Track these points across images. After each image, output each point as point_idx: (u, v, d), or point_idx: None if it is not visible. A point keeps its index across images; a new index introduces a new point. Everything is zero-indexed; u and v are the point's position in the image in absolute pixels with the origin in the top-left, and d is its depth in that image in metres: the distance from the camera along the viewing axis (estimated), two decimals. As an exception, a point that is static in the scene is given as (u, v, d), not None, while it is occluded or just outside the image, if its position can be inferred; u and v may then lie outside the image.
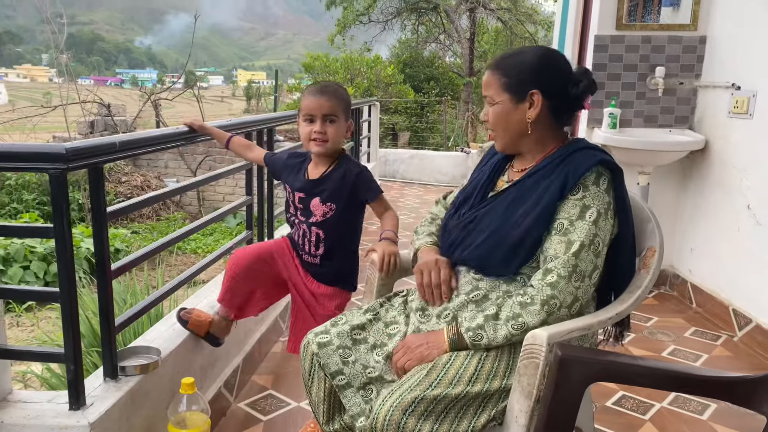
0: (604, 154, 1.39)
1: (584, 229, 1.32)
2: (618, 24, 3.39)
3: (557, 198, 1.34)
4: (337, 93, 1.79)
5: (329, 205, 1.81)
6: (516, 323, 1.30)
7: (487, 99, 1.45)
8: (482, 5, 17.16)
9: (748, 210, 2.90)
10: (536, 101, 1.39)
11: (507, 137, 1.45)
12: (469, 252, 1.42)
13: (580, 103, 1.44)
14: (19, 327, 4.42)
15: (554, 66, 1.42)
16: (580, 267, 1.30)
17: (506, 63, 1.43)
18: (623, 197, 1.39)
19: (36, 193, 8.02)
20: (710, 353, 2.74)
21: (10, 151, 1.39)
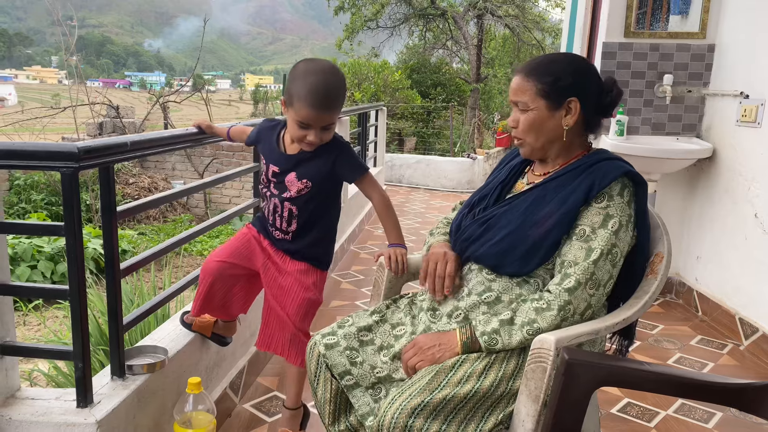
0: (629, 165, 1.39)
1: (605, 238, 1.32)
2: (626, 31, 3.40)
3: (581, 203, 1.34)
4: (339, 103, 1.62)
5: (305, 182, 1.69)
6: (531, 329, 1.30)
7: (519, 105, 1.42)
8: (490, 12, 17.19)
9: (756, 218, 2.89)
10: (574, 109, 1.39)
11: (537, 143, 1.43)
12: (486, 248, 1.41)
13: (611, 111, 1.44)
14: (26, 326, 4.44)
15: (589, 74, 1.42)
16: (597, 275, 1.31)
17: (541, 69, 1.40)
18: (644, 211, 1.39)
19: (44, 193, 8.05)
20: (716, 362, 2.72)
21: (23, 149, 1.40)
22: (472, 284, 1.43)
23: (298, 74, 1.58)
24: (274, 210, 1.75)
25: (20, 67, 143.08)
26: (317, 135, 1.61)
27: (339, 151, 1.70)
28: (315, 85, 1.55)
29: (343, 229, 4.54)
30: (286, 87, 1.60)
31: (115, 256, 1.54)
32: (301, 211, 1.73)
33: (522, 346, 1.32)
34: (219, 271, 1.80)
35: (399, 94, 14.11)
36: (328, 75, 1.58)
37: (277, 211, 1.74)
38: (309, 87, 1.55)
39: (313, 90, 1.55)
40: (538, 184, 1.44)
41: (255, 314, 2.45)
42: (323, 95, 1.56)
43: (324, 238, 1.81)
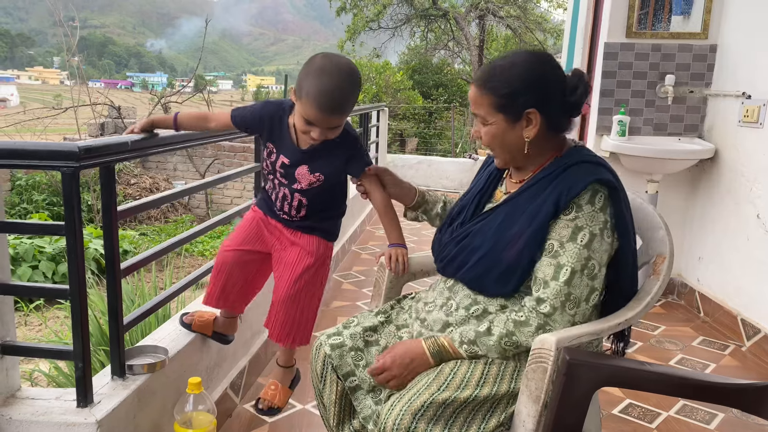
0: (602, 168, 1.32)
1: (574, 253, 1.26)
2: (628, 32, 3.39)
3: (550, 217, 1.28)
4: (348, 107, 1.54)
5: (317, 175, 1.65)
6: (509, 341, 1.28)
7: (478, 118, 1.36)
8: (491, 13, 17.20)
9: (758, 219, 2.88)
10: (534, 120, 1.31)
11: (506, 155, 1.38)
12: (463, 273, 1.38)
13: (579, 109, 1.36)
14: (27, 326, 4.45)
15: (548, 77, 1.33)
16: (574, 294, 1.26)
17: (495, 80, 1.32)
18: (622, 213, 1.31)
19: (46, 193, 8.07)
20: (718, 363, 2.72)
21: (24, 148, 1.40)
22: (459, 298, 1.40)
23: (313, 69, 1.49)
24: (282, 198, 1.70)
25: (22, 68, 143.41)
26: (322, 133, 1.54)
27: (354, 149, 1.67)
28: (326, 87, 1.47)
29: (345, 230, 4.54)
30: (299, 77, 1.50)
31: (116, 256, 1.54)
32: (312, 201, 1.70)
33: (505, 357, 1.31)
34: (236, 260, 1.78)
35: (401, 95, 14.13)
36: (343, 77, 1.49)
37: (287, 199, 1.70)
38: (320, 87, 1.47)
39: (324, 92, 1.47)
40: (510, 198, 1.38)
41: (256, 314, 2.45)
42: (333, 99, 1.48)
43: (334, 215, 1.80)
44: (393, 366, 1.35)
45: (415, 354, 1.35)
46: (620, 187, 1.32)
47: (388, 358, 1.37)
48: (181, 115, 1.73)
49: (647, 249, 1.50)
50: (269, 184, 1.74)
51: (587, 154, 1.37)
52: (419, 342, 1.37)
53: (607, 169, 1.33)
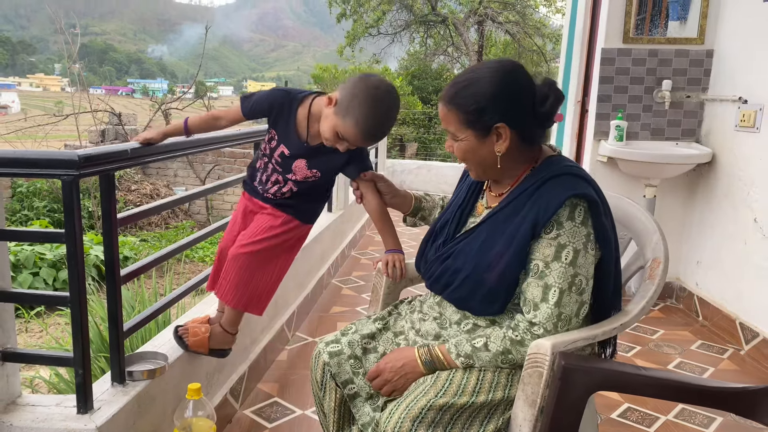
0: (579, 181, 1.30)
1: (560, 273, 1.26)
2: (625, 37, 3.41)
3: (529, 238, 1.28)
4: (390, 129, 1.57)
5: (314, 171, 1.67)
6: (506, 359, 1.29)
7: (449, 134, 1.35)
8: (490, 18, 17.26)
9: (755, 223, 2.89)
10: (504, 134, 1.29)
11: (479, 169, 1.38)
12: (448, 294, 1.39)
13: (550, 119, 1.33)
14: (28, 333, 4.46)
15: (515, 89, 1.29)
16: (565, 313, 1.26)
17: (461, 96, 1.30)
18: (603, 225, 1.30)
19: (47, 200, 8.09)
20: (716, 366, 2.72)
21: (24, 157, 1.42)
22: (449, 313, 1.41)
23: (365, 95, 1.48)
24: (274, 182, 1.70)
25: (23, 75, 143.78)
26: (348, 148, 1.57)
27: (357, 152, 1.66)
28: (377, 120, 1.50)
29: (344, 235, 4.56)
30: (344, 92, 1.49)
31: (116, 263, 1.55)
32: (302, 189, 1.71)
33: (497, 369, 1.32)
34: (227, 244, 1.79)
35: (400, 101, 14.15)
36: (390, 111, 1.52)
37: (279, 183, 1.70)
38: (369, 119, 1.49)
39: (374, 124, 1.50)
40: (490, 215, 1.37)
41: (256, 320, 2.47)
42: (379, 131, 1.52)
43: (316, 200, 1.79)
44: (386, 369, 1.37)
45: (407, 360, 1.36)
46: (600, 198, 1.30)
47: (382, 362, 1.39)
48: (190, 120, 1.73)
49: (643, 253, 1.51)
50: (261, 163, 1.72)
51: (565, 165, 1.35)
52: (412, 350, 1.38)
53: (585, 181, 1.31)
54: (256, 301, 1.77)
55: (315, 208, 1.81)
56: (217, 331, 1.86)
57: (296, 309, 3.04)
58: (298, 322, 3.09)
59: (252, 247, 1.71)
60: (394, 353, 1.40)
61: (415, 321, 1.50)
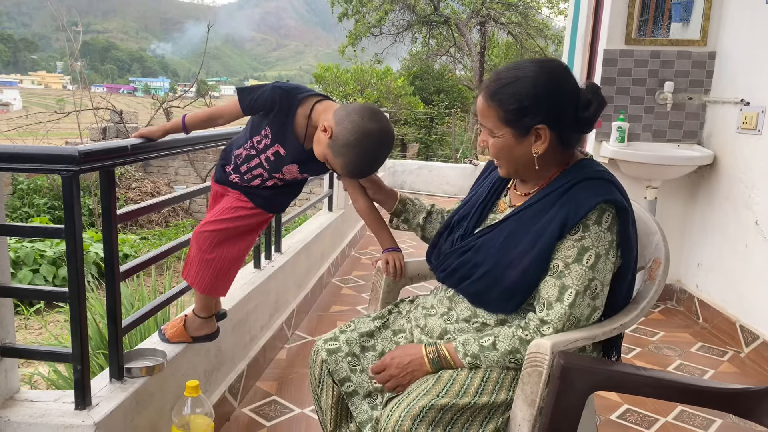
0: (610, 186, 1.28)
1: (579, 275, 1.25)
2: (627, 39, 3.41)
3: (556, 238, 1.26)
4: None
5: (304, 175, 1.69)
6: (513, 358, 1.28)
7: (485, 129, 1.32)
8: (493, 19, 17.25)
9: (756, 225, 2.89)
10: (543, 136, 1.27)
11: (511, 168, 1.35)
12: (464, 287, 1.37)
13: (591, 125, 1.31)
14: (27, 330, 4.46)
15: (560, 91, 1.27)
16: (575, 314, 1.26)
17: (504, 92, 1.27)
18: (628, 234, 1.29)
19: (47, 197, 8.10)
20: (717, 369, 2.72)
21: (24, 152, 1.41)
22: (460, 309, 1.40)
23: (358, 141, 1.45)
24: (258, 175, 1.67)
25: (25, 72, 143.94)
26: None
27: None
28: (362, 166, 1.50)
29: (345, 235, 4.55)
30: (340, 128, 1.45)
31: (115, 259, 1.55)
32: (285, 185, 1.72)
33: (503, 368, 1.31)
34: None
35: (401, 101, 14.15)
36: (379, 158, 1.50)
37: (262, 177, 1.68)
38: (357, 164, 1.48)
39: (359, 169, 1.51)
40: (514, 213, 1.35)
41: (254, 319, 2.46)
42: (363, 173, 1.54)
43: (291, 194, 1.78)
44: (392, 365, 1.36)
45: (414, 357, 1.36)
46: (629, 206, 1.29)
47: (388, 357, 1.39)
48: (188, 117, 1.69)
49: (643, 254, 1.51)
50: (242, 152, 1.67)
51: (596, 169, 1.32)
52: (420, 347, 1.37)
53: (615, 187, 1.30)
54: (219, 283, 1.75)
55: (286, 201, 1.79)
56: (191, 319, 1.86)
57: (296, 308, 3.04)
58: (298, 320, 3.09)
59: (214, 225, 1.69)
60: (401, 349, 1.40)
61: (419, 317, 1.49)
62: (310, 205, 3.90)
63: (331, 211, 4.32)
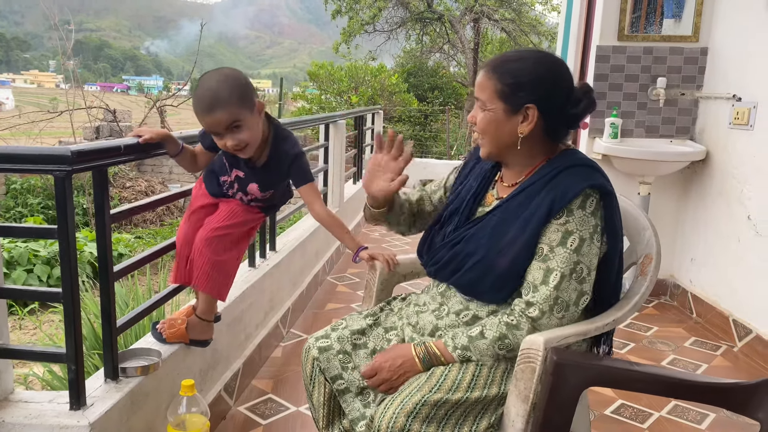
0: (594, 172, 1.32)
1: (564, 258, 1.27)
2: (620, 35, 3.42)
3: (543, 224, 1.29)
4: (225, 99, 1.53)
5: (268, 192, 1.77)
6: (502, 344, 1.29)
7: (478, 102, 1.36)
8: (486, 16, 17.24)
9: (749, 220, 2.91)
10: (531, 116, 1.31)
11: (494, 146, 1.37)
12: (456, 278, 1.39)
13: (577, 123, 1.36)
14: (22, 330, 4.44)
15: (557, 80, 1.33)
16: (563, 297, 1.27)
17: (505, 68, 1.32)
18: (613, 218, 1.32)
19: (41, 197, 8.06)
20: (710, 363, 2.74)
21: (16, 153, 1.41)
22: (451, 303, 1.41)
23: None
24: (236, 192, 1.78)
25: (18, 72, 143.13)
26: (229, 138, 1.57)
27: (292, 161, 1.71)
28: (196, 93, 1.59)
29: (339, 233, 4.55)
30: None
31: (109, 259, 1.55)
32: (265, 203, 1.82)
33: (496, 360, 1.32)
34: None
35: (396, 98, 14.14)
36: (209, 80, 1.56)
37: (240, 196, 1.78)
38: (194, 97, 1.60)
39: (195, 98, 1.58)
40: (503, 202, 1.38)
41: (250, 317, 2.46)
42: (202, 99, 1.55)
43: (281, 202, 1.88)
44: (383, 368, 1.37)
45: (405, 358, 1.37)
46: (613, 191, 1.33)
47: (379, 361, 1.39)
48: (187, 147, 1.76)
49: (635, 250, 1.52)
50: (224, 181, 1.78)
51: (580, 157, 1.37)
52: (409, 347, 1.38)
53: (599, 173, 1.34)
54: (225, 286, 1.81)
55: (279, 206, 1.91)
56: (194, 322, 1.88)
57: (291, 306, 3.04)
58: (293, 318, 3.09)
59: (222, 231, 1.75)
60: (390, 351, 1.40)
61: (410, 315, 1.50)
62: (305, 203, 3.90)
63: (325, 209, 4.31)
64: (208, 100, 1.54)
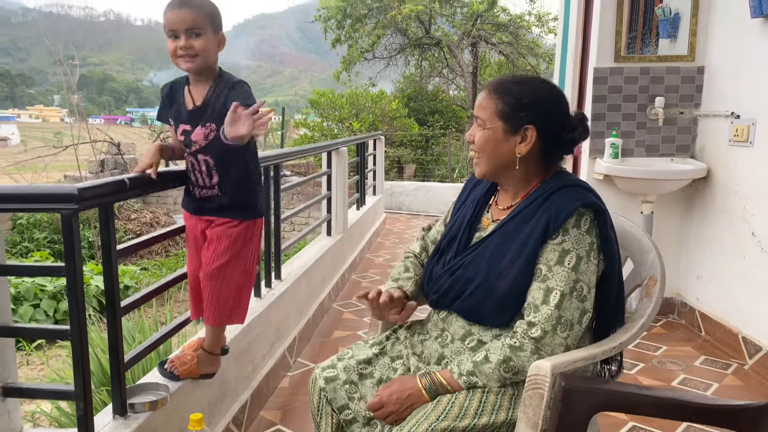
0: (586, 192, 1.35)
1: (563, 276, 1.28)
2: (616, 56, 3.45)
3: (540, 245, 1.31)
4: (197, 4, 1.60)
5: (209, 125, 1.65)
6: (507, 367, 1.29)
7: (477, 120, 1.40)
8: (484, 40, 17.42)
9: (753, 237, 2.90)
10: (530, 137, 1.35)
11: (491, 165, 1.40)
12: (458, 304, 1.39)
13: (572, 147, 1.40)
14: (29, 366, 4.43)
15: (555, 105, 1.38)
16: (565, 317, 1.28)
17: (507, 89, 1.37)
18: (608, 236, 1.34)
19: (47, 231, 8.10)
20: (721, 382, 2.71)
21: (24, 192, 1.43)
22: (453, 329, 1.42)
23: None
24: (192, 168, 1.73)
25: (23, 107, 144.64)
26: (186, 41, 1.60)
27: (231, 87, 1.67)
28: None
29: (344, 258, 4.56)
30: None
31: (116, 295, 1.56)
32: (218, 161, 1.69)
33: (505, 384, 1.32)
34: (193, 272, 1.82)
35: (396, 123, 14.24)
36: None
37: (195, 167, 1.72)
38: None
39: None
40: (500, 226, 1.40)
41: (257, 348, 2.46)
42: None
43: (245, 179, 1.75)
44: (390, 401, 1.37)
45: (412, 390, 1.36)
46: (606, 210, 1.35)
47: (385, 394, 1.38)
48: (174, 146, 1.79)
49: (639, 272, 1.52)
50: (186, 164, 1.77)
51: (571, 178, 1.41)
52: (414, 378, 1.38)
53: (592, 193, 1.37)
54: (236, 311, 1.80)
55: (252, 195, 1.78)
56: (203, 356, 1.88)
57: (297, 335, 3.04)
58: (300, 347, 3.08)
59: (217, 263, 1.73)
60: (396, 384, 1.40)
61: (415, 344, 1.50)
62: (309, 230, 3.91)
63: (330, 236, 4.33)
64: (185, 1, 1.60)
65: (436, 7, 17.18)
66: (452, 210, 1.62)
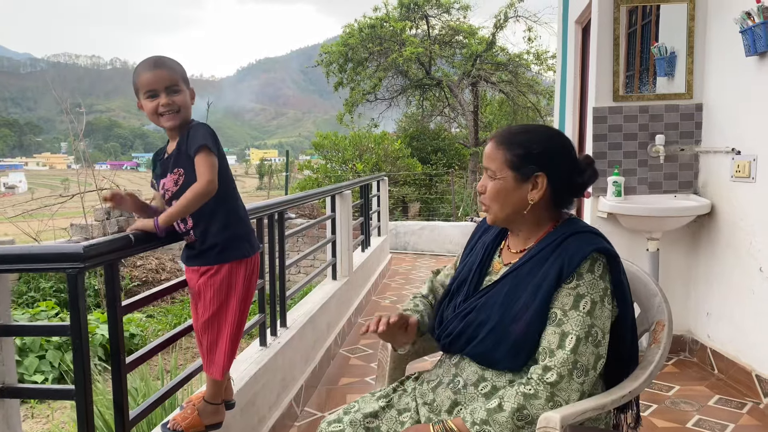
0: (599, 238, 1.37)
1: (578, 321, 1.29)
2: (615, 96, 3.50)
3: (554, 289, 1.32)
4: (172, 64, 1.69)
5: (177, 171, 1.67)
6: (521, 415, 1.27)
7: (487, 172, 1.42)
8: (484, 79, 17.68)
9: (761, 272, 2.88)
10: (540, 184, 1.37)
11: (502, 213, 1.42)
12: (471, 348, 1.39)
13: (583, 191, 1.43)
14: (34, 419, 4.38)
15: (563, 151, 1.41)
16: (581, 362, 1.27)
17: (514, 139, 1.40)
18: (621, 281, 1.35)
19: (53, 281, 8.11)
20: (737, 422, 2.65)
21: (29, 253, 1.44)
22: (466, 374, 1.41)
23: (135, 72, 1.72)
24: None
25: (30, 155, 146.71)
26: (167, 98, 1.65)
27: (189, 129, 1.69)
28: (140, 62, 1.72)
29: (350, 302, 4.54)
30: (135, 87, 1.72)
31: (121, 351, 1.55)
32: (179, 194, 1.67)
33: None
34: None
35: (400, 163, 14.35)
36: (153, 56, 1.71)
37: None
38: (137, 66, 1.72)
39: (140, 64, 1.70)
40: (512, 269, 1.41)
41: (262, 398, 2.43)
42: (153, 60, 1.69)
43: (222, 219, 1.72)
44: None
45: None
46: (617, 255, 1.36)
47: None
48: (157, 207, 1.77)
49: (646, 317, 1.51)
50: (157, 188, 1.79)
51: (583, 225, 1.43)
52: (428, 427, 1.36)
53: (603, 239, 1.38)
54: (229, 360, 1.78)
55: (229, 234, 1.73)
56: (204, 408, 1.86)
57: (304, 383, 3.00)
58: (306, 396, 3.04)
59: (207, 313, 1.73)
60: None
61: (425, 393, 1.48)
62: (315, 275, 3.91)
63: (335, 280, 4.32)
64: (154, 60, 1.68)
65: (436, 48, 17.51)
66: (461, 254, 1.63)
